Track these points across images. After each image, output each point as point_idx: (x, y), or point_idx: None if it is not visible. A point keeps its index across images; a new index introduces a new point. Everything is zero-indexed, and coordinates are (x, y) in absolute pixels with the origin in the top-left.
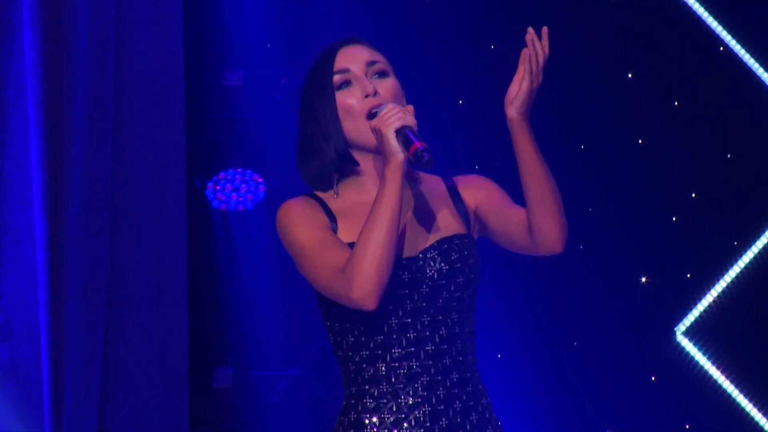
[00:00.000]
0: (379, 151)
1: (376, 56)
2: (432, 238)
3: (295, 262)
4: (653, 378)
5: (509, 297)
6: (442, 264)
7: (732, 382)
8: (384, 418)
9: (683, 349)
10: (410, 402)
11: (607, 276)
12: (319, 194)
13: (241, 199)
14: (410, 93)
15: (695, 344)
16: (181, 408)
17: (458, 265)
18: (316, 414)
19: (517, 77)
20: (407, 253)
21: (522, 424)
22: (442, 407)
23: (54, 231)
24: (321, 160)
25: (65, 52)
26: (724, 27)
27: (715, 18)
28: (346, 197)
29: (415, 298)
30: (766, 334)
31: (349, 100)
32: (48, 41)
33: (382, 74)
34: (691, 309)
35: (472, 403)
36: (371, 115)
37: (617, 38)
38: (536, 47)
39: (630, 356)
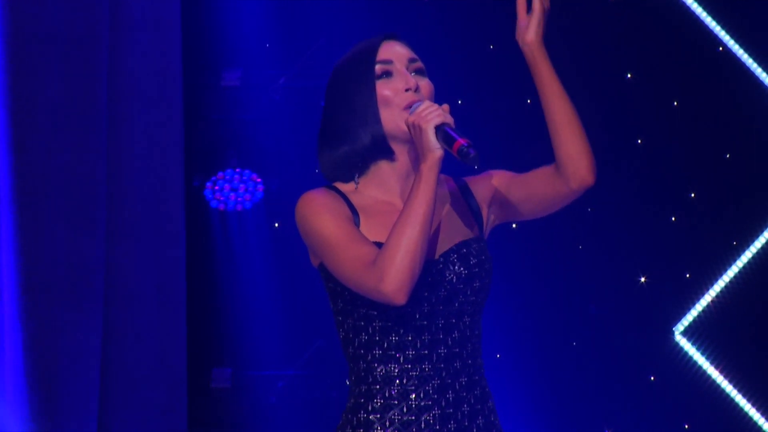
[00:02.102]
0: (411, 144)
1: (416, 56)
2: (451, 241)
3: (317, 253)
4: (652, 378)
5: (508, 297)
6: (462, 268)
7: (730, 381)
8: (394, 419)
9: (682, 348)
10: (421, 404)
11: (606, 276)
12: (339, 186)
13: (239, 199)
14: None
15: (694, 344)
16: (179, 408)
17: (476, 269)
18: (314, 414)
19: (520, 2)
20: (427, 255)
21: (521, 424)
22: (451, 410)
23: (24, 230)
24: (353, 146)
25: (34, 50)
26: (723, 27)
27: (714, 18)
28: (368, 194)
29: (433, 300)
30: (765, 334)
31: (388, 91)
32: (13, 40)
33: (421, 72)
34: (689, 309)
35: (479, 406)
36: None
37: (616, 38)
38: None
39: (629, 356)
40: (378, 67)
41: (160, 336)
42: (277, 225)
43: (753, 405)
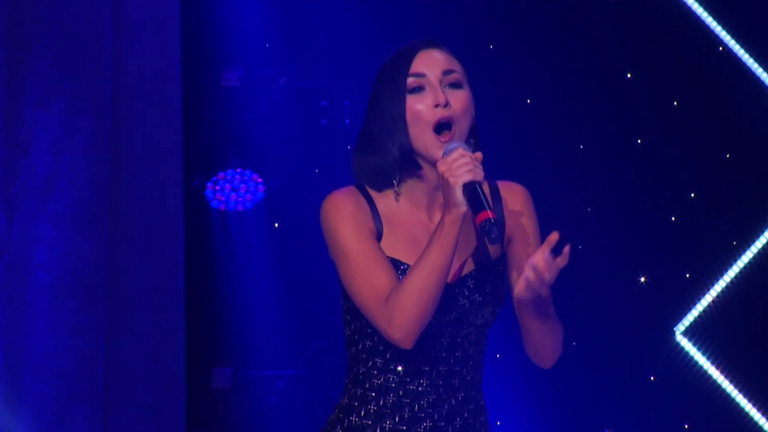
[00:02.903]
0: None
1: (454, 65)
2: (470, 266)
3: (334, 260)
4: (652, 378)
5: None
6: (476, 295)
7: (731, 381)
8: (385, 427)
9: (682, 348)
10: (414, 416)
11: (606, 276)
12: (369, 189)
13: (240, 199)
14: None
15: (694, 344)
16: (177, 408)
17: (490, 297)
18: (314, 414)
19: (534, 262)
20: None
21: (521, 423)
22: (443, 423)
23: (29, 231)
24: (384, 158)
25: (29, 51)
26: (723, 27)
27: (714, 18)
28: (394, 202)
29: (442, 322)
30: (765, 334)
31: (419, 106)
32: (16, 39)
33: (456, 85)
34: (690, 309)
35: (471, 420)
36: (438, 127)
37: (616, 38)
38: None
39: (629, 356)
40: (410, 81)
41: (158, 336)
42: (277, 225)
43: (753, 405)
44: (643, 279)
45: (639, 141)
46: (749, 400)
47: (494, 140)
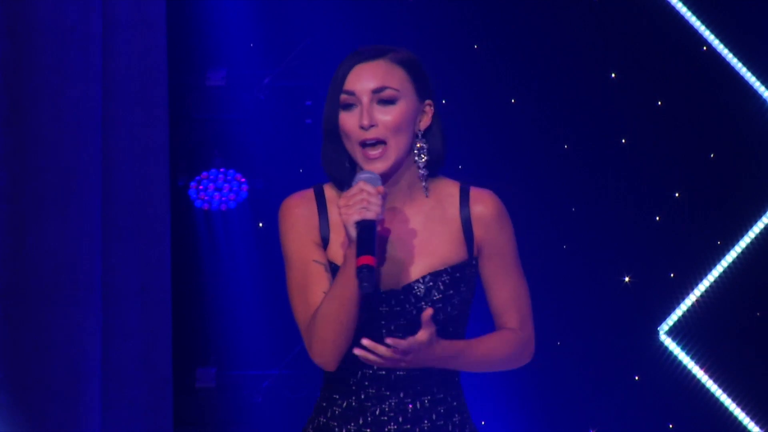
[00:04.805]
0: (386, 179)
1: (389, 80)
2: (420, 271)
3: None
4: (637, 378)
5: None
6: (422, 303)
7: (715, 381)
8: (350, 429)
9: (666, 348)
10: (377, 420)
11: (591, 275)
12: (328, 191)
13: (223, 198)
14: None
15: (678, 344)
16: (164, 407)
17: (440, 305)
18: (298, 413)
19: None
20: (390, 285)
21: (505, 423)
22: (409, 426)
23: (21, 230)
24: (336, 167)
25: (27, 49)
26: (707, 26)
27: (698, 17)
28: None
29: (392, 329)
30: (749, 334)
31: (350, 124)
32: (7, 39)
33: (387, 101)
34: (674, 308)
35: (441, 422)
36: (363, 145)
37: (600, 38)
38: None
39: (613, 356)
40: (342, 97)
41: (145, 335)
42: (261, 225)
43: (738, 404)
44: (627, 279)
45: (623, 141)
46: (733, 400)
47: (479, 140)
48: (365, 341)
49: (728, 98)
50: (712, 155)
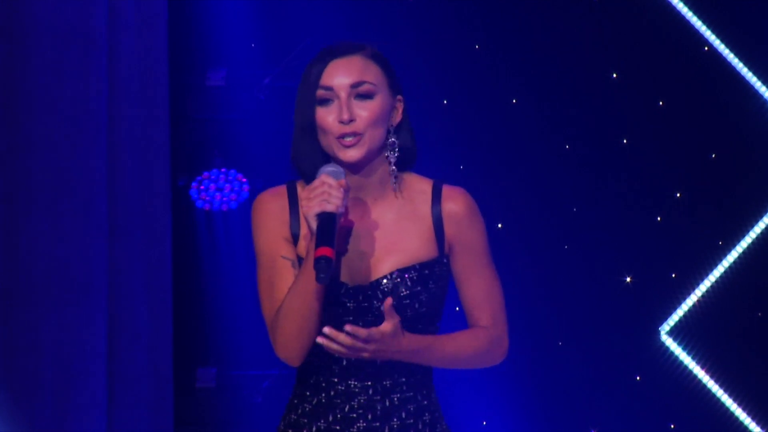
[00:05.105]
0: (358, 171)
1: (367, 74)
2: (388, 267)
3: None
4: (638, 378)
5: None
6: (390, 298)
7: (716, 381)
8: (320, 426)
9: (668, 348)
10: (346, 416)
11: (592, 276)
12: (300, 187)
13: (225, 199)
14: None
15: (680, 344)
16: (165, 407)
17: (407, 301)
18: None
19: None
20: (357, 280)
21: (507, 423)
22: (378, 424)
23: (26, 230)
24: (306, 162)
25: (32, 49)
26: (708, 27)
27: (700, 18)
28: None
29: (360, 324)
30: (751, 334)
31: (327, 118)
32: (11, 38)
33: (365, 96)
34: (675, 309)
35: (411, 421)
36: (342, 136)
37: (601, 38)
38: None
39: (614, 356)
40: (319, 93)
41: (149, 335)
42: None
43: (739, 405)
44: (628, 279)
45: (624, 141)
46: (734, 400)
47: (480, 140)
48: (326, 329)
49: (729, 98)
50: (713, 155)
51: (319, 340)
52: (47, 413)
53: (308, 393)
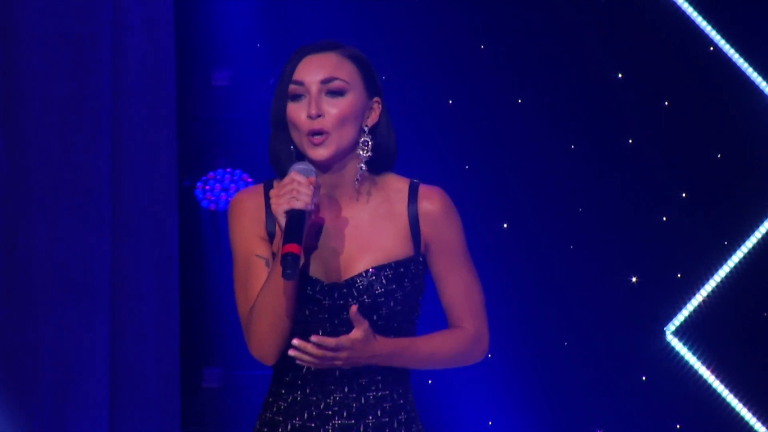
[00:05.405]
0: (328, 170)
1: (339, 71)
2: (364, 265)
3: None
4: (643, 378)
5: (499, 297)
6: (365, 296)
7: (722, 381)
8: (296, 424)
9: (673, 348)
10: (321, 414)
11: (597, 276)
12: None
13: (230, 199)
14: (399, 93)
15: (685, 344)
16: (173, 408)
17: (382, 298)
18: None
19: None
20: (333, 278)
21: (512, 423)
22: (354, 421)
23: (31, 230)
24: (283, 160)
25: (36, 50)
26: (714, 27)
27: (705, 18)
28: None
29: (336, 323)
30: (756, 334)
31: (297, 114)
32: (15, 39)
33: (336, 93)
34: (681, 309)
35: (386, 419)
36: (311, 134)
37: (607, 38)
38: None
39: (620, 356)
40: (291, 88)
41: (156, 335)
42: None
43: (744, 405)
44: (634, 279)
45: (630, 141)
46: (740, 400)
47: (485, 140)
48: (295, 341)
49: (734, 99)
50: (718, 155)
51: (291, 353)
52: (46, 413)
53: (283, 391)
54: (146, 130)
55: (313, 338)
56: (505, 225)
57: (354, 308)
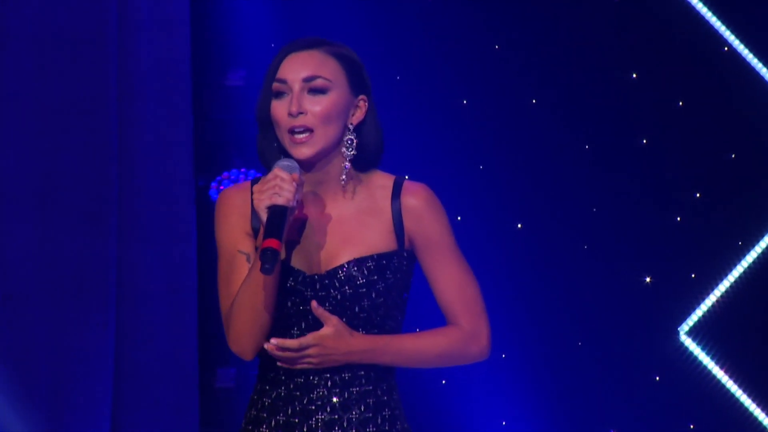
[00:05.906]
0: (312, 168)
1: (322, 69)
2: (346, 257)
3: None
4: (657, 378)
5: (513, 297)
6: (346, 287)
7: (735, 382)
8: (279, 420)
9: (687, 349)
10: (305, 409)
11: (611, 276)
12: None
13: None
14: (414, 93)
15: (699, 344)
16: (191, 407)
17: (364, 290)
18: None
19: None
20: (315, 269)
21: (526, 424)
22: (337, 417)
23: (36, 231)
24: (269, 157)
25: (42, 50)
26: (728, 27)
27: (719, 18)
28: None
29: (317, 316)
30: None
31: (280, 112)
32: (21, 39)
33: (317, 91)
34: (694, 309)
35: (370, 415)
36: (292, 132)
37: (621, 38)
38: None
39: (634, 356)
40: (275, 85)
41: (172, 335)
42: None
43: (758, 405)
44: (648, 279)
45: (644, 141)
46: (753, 400)
47: (500, 140)
48: (266, 345)
49: (749, 99)
50: (732, 156)
51: (266, 346)
52: (44, 413)
53: (268, 387)
54: (162, 130)
55: (273, 341)
56: (519, 225)
57: (314, 303)
